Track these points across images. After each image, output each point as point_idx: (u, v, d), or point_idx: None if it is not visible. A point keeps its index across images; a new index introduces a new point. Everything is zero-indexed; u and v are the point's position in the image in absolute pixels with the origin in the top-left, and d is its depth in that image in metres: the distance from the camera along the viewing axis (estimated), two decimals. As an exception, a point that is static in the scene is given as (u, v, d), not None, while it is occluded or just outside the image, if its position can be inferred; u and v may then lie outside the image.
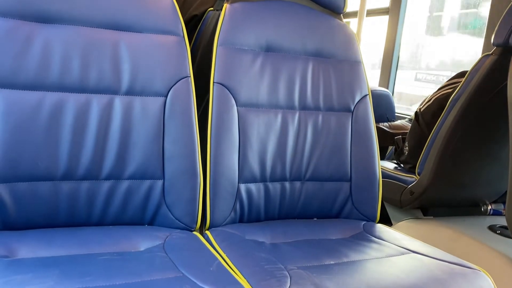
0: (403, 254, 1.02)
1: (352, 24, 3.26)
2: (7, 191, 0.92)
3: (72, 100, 0.97)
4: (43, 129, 0.94)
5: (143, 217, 1.05)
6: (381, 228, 1.20)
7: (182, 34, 1.08)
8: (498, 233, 1.55)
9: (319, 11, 1.28)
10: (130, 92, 1.01)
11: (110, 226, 1.02)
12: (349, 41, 1.29)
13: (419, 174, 1.67)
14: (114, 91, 1.00)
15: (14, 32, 0.93)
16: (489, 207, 1.76)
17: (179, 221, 1.04)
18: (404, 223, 1.75)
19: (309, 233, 1.10)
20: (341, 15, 1.32)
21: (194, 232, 1.05)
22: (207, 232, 1.06)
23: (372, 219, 1.26)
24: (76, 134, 0.96)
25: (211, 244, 1.00)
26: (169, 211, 1.04)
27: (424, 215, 1.80)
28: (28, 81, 0.93)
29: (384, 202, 1.85)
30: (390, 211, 1.89)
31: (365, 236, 1.12)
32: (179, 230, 1.03)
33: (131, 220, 1.04)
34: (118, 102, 1.00)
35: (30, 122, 0.92)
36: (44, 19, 0.97)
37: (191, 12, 1.35)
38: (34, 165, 0.93)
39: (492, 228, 1.59)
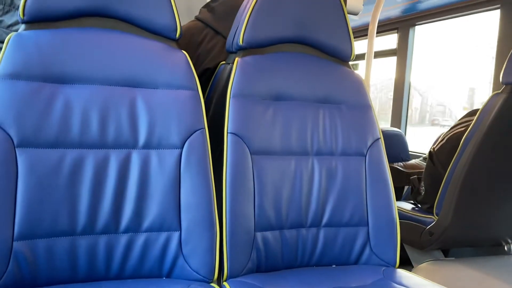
0: (426, 301, 0.99)
1: (361, 65, 3.32)
2: (28, 249, 0.93)
3: (92, 156, 0.99)
4: (64, 186, 0.96)
5: (161, 270, 1.05)
6: (401, 273, 1.17)
7: (196, 88, 1.12)
8: None
9: (327, 60, 1.32)
10: (147, 146, 1.04)
11: (129, 280, 1.02)
12: (357, 87, 1.31)
13: (437, 215, 1.64)
14: (132, 146, 1.03)
15: (37, 94, 0.98)
16: (513, 246, 1.72)
17: (196, 273, 1.04)
18: (425, 266, 1.70)
19: (329, 282, 1.09)
20: (348, 62, 1.36)
21: (212, 284, 1.05)
22: (225, 283, 1.05)
23: (392, 264, 1.23)
24: (95, 189, 0.99)
25: (230, 296, 0.99)
26: (186, 263, 1.04)
27: (445, 256, 1.76)
28: (50, 139, 0.97)
29: (403, 243, 1.82)
30: (410, 253, 1.85)
31: (386, 283, 1.10)
32: (197, 283, 1.02)
33: (149, 273, 1.04)
34: (136, 156, 1.03)
35: (51, 180, 0.95)
36: (65, 80, 1.01)
37: (204, 66, 1.40)
38: (54, 222, 0.95)
39: None
